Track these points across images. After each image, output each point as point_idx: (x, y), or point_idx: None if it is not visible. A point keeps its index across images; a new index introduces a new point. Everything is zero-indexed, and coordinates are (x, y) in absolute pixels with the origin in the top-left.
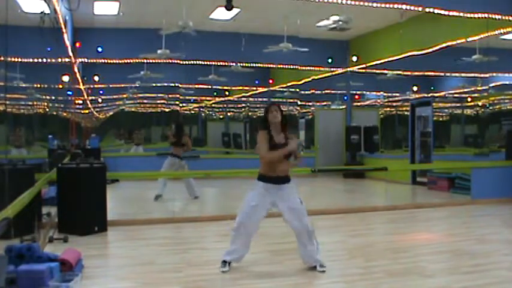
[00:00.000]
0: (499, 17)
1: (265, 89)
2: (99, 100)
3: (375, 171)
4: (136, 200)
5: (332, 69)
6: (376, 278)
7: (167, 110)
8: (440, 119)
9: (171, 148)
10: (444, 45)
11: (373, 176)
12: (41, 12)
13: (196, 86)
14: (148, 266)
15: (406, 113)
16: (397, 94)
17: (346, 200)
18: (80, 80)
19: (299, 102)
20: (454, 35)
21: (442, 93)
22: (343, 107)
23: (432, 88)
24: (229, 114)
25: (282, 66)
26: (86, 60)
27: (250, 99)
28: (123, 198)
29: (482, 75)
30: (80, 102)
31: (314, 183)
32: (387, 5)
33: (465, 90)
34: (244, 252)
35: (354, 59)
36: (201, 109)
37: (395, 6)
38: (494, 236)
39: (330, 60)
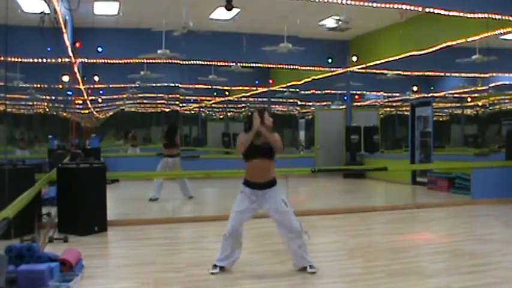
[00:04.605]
0: (499, 17)
1: (265, 89)
2: (99, 100)
3: (375, 171)
4: (136, 200)
5: (332, 69)
6: (376, 278)
7: (167, 110)
8: (440, 119)
9: (163, 150)
10: (444, 45)
11: (373, 176)
12: (41, 12)
13: (196, 86)
14: (148, 266)
15: (406, 113)
16: (397, 94)
17: (346, 200)
18: (80, 80)
19: (299, 102)
20: (454, 35)
21: (442, 93)
22: (343, 107)
23: (432, 88)
24: (229, 114)
25: (282, 66)
26: (86, 60)
27: (250, 99)
28: (123, 198)
29: (482, 75)
30: (80, 102)
31: (314, 183)
32: (387, 5)
33: (465, 90)
34: (237, 256)
35: (354, 59)
36: (201, 109)
37: (395, 6)
38: (494, 236)
39: (330, 60)
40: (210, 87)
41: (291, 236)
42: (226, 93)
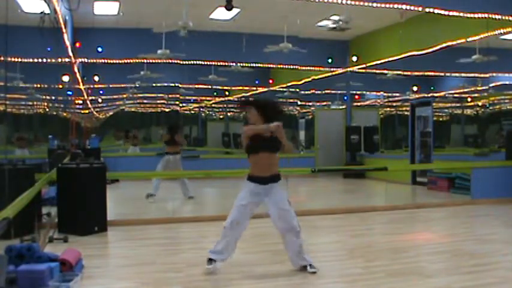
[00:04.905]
0: (499, 17)
1: (265, 89)
2: (99, 100)
3: (375, 171)
4: (136, 200)
5: (332, 69)
6: (376, 278)
7: (167, 110)
8: (440, 119)
9: (165, 147)
10: (444, 45)
11: (373, 176)
12: (41, 12)
13: (196, 86)
14: (148, 266)
15: (406, 113)
16: (397, 94)
17: (346, 200)
18: (80, 80)
19: (299, 102)
20: (454, 35)
21: (442, 93)
22: (343, 107)
23: (432, 88)
24: (229, 114)
25: (282, 66)
26: (86, 60)
27: (250, 99)
28: (123, 198)
29: (482, 75)
30: (80, 102)
31: (314, 183)
32: (387, 5)
33: (465, 90)
34: (230, 254)
35: (354, 59)
36: (201, 109)
37: (395, 6)
38: (494, 236)
39: (330, 60)
40: (210, 87)
41: (290, 235)
42: (226, 93)
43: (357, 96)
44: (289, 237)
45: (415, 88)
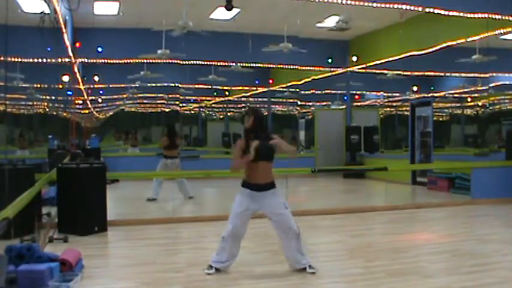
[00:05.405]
0: (499, 17)
1: (265, 89)
2: (99, 100)
3: (375, 171)
4: (136, 200)
5: (332, 69)
6: (376, 278)
7: (167, 110)
8: (440, 119)
9: (163, 150)
10: (444, 45)
11: (373, 176)
12: (41, 12)
13: (196, 86)
14: (148, 266)
15: (406, 113)
16: (397, 94)
17: (346, 200)
18: (80, 80)
19: (299, 102)
20: (454, 35)
21: (442, 93)
22: (343, 107)
23: (432, 88)
24: (229, 114)
25: (282, 66)
26: (86, 60)
27: (250, 99)
28: (123, 198)
29: (482, 75)
30: (80, 102)
31: (314, 183)
32: (387, 5)
33: (465, 90)
34: (234, 259)
35: (354, 59)
36: (201, 109)
37: (395, 6)
38: (494, 236)
39: (330, 60)
40: (210, 87)
41: (288, 238)
42: (226, 93)
43: (357, 96)
44: (287, 240)
45: (415, 88)
